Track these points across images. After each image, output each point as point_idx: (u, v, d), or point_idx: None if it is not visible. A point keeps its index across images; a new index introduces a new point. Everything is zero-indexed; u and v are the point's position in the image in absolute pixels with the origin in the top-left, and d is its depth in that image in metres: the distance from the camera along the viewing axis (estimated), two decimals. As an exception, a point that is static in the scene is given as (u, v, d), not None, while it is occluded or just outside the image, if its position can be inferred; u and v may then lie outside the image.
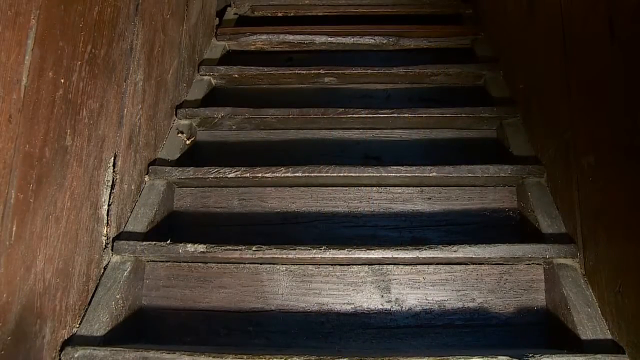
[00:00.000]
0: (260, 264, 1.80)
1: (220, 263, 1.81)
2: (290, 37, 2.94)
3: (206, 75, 2.65)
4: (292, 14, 3.31)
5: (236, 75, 2.63)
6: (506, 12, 2.50)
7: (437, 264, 1.78)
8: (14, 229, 1.22)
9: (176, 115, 2.32)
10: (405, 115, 2.24)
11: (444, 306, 1.75)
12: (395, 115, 2.24)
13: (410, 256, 1.70)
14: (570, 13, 1.73)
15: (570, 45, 1.73)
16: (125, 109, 1.82)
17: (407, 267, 1.79)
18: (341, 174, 1.96)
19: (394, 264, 1.79)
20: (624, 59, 1.38)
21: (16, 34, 1.20)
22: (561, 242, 1.71)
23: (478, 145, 2.32)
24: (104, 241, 1.69)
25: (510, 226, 1.99)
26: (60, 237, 1.42)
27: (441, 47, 2.95)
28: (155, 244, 1.74)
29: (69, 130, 1.45)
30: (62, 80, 1.40)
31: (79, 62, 1.49)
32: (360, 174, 1.96)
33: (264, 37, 2.94)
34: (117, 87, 1.76)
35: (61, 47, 1.39)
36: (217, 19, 3.16)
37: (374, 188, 2.05)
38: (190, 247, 1.72)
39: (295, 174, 1.96)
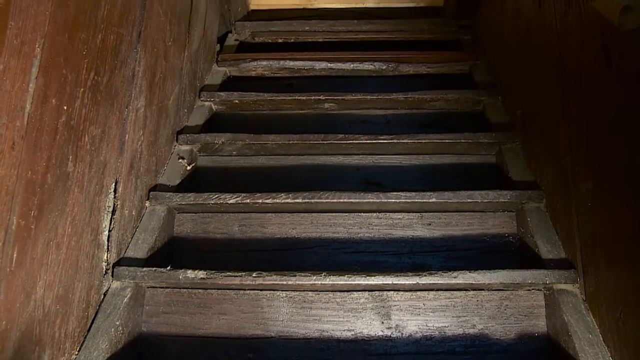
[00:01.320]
0: (261, 290, 1.79)
1: (221, 289, 1.80)
2: (291, 63, 2.96)
3: (207, 101, 2.66)
4: (292, 40, 3.34)
5: (237, 101, 2.65)
6: (504, 38, 2.53)
7: (438, 290, 1.78)
8: (14, 255, 1.22)
9: (177, 140, 2.33)
10: (405, 141, 2.25)
11: (445, 332, 1.74)
12: (395, 141, 2.25)
13: (411, 282, 1.70)
14: (567, 39, 1.75)
15: (567, 70, 1.75)
16: (127, 135, 1.83)
17: (407, 293, 1.78)
18: (341, 200, 1.96)
19: (394, 290, 1.78)
20: (620, 84, 1.39)
21: (21, 62, 1.21)
22: (561, 267, 1.71)
23: (477, 171, 2.33)
24: (104, 267, 1.69)
25: (510, 252, 1.99)
26: (60, 263, 1.42)
27: (440, 73, 2.98)
28: (155, 270, 1.74)
29: (71, 157, 1.46)
30: (65, 107, 1.42)
31: (82, 89, 1.51)
32: (360, 200, 1.97)
33: (264, 63, 2.97)
34: (119, 113, 1.77)
35: (64, 75, 1.41)
36: (218, 45, 3.19)
37: (374, 214, 2.06)
38: (190, 273, 1.72)
39: (296, 200, 1.97)
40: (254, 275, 1.71)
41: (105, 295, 1.69)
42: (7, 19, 1.16)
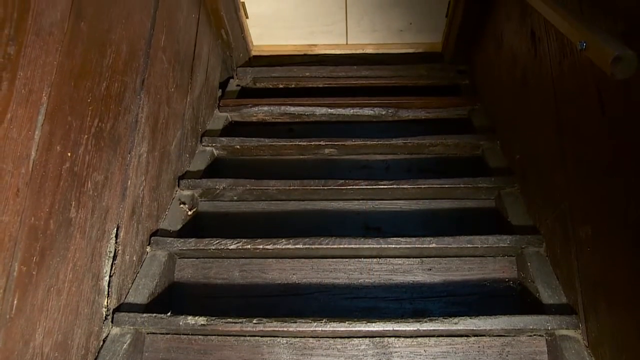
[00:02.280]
0: (261, 336, 1.78)
1: (221, 335, 1.79)
2: (291, 109, 3.00)
3: (209, 146, 2.69)
4: (293, 86, 3.39)
5: (238, 147, 2.67)
6: (501, 84, 2.57)
7: (439, 336, 1.76)
8: (15, 302, 1.22)
9: (179, 186, 2.35)
10: (405, 186, 2.27)
11: (447, 379, 1.73)
12: (395, 186, 2.27)
13: (411, 329, 1.69)
14: (562, 87, 1.78)
15: (563, 117, 1.78)
16: (129, 181, 1.84)
17: (408, 339, 1.77)
18: (342, 246, 1.97)
19: (395, 337, 1.77)
20: (615, 132, 1.41)
21: (28, 110, 1.24)
22: (563, 313, 1.70)
23: (477, 215, 2.34)
24: (104, 313, 1.69)
25: (511, 297, 1.99)
26: (60, 309, 1.42)
27: (439, 118, 3.01)
28: (155, 316, 1.73)
29: (73, 202, 1.47)
30: (69, 154, 1.44)
31: (86, 136, 1.53)
32: (361, 246, 1.97)
33: (265, 108, 3.01)
34: (122, 159, 1.79)
35: (69, 122, 1.43)
36: (220, 90, 3.24)
37: (374, 259, 2.06)
38: (190, 320, 1.71)
39: (296, 246, 1.97)
40: (254, 321, 1.70)
41: (104, 341, 1.68)
42: (17, 70, 1.20)
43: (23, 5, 1.23)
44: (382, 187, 2.27)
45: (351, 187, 2.28)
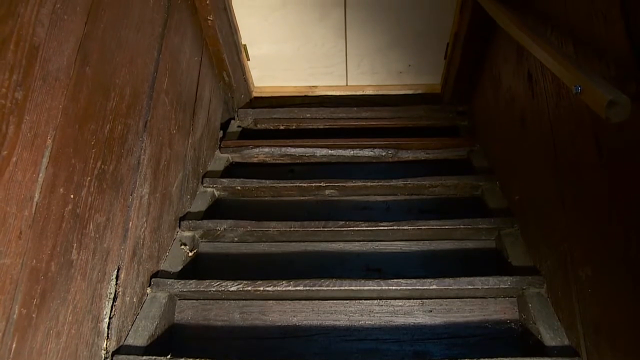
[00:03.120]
0: (261, 379, 1.77)
1: (221, 379, 1.78)
2: (292, 150, 3.03)
3: (210, 187, 2.71)
4: (293, 127, 3.42)
5: (239, 188, 2.69)
6: (499, 125, 2.59)
7: (440, 379, 1.75)
8: (13, 345, 1.22)
9: (180, 227, 2.36)
10: (405, 227, 2.28)
11: None
12: (395, 227, 2.28)
13: (413, 371, 1.68)
14: (560, 128, 1.80)
15: (561, 158, 1.79)
16: (131, 222, 1.85)
17: (409, 382, 1.76)
18: (342, 288, 1.97)
19: (397, 379, 1.76)
20: (612, 174, 1.43)
21: (33, 154, 1.26)
22: (565, 355, 1.69)
23: (477, 256, 2.34)
24: (103, 355, 1.68)
25: (512, 338, 1.97)
26: (59, 352, 1.41)
27: (439, 159, 3.03)
28: (155, 359, 1.72)
29: (75, 244, 1.48)
30: (72, 196, 1.45)
31: (89, 178, 1.55)
32: (361, 288, 1.97)
33: (266, 150, 3.03)
34: (124, 200, 1.80)
35: (73, 164, 1.45)
36: (221, 131, 3.27)
37: (375, 301, 2.05)
38: (190, 363, 1.70)
39: (297, 288, 1.97)
40: (254, 364, 1.69)
41: (103, 385, 1.67)
42: (24, 114, 1.22)
43: (32, 52, 1.26)
44: (382, 228, 2.28)
45: (351, 228, 2.28)
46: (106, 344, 1.69)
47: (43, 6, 1.31)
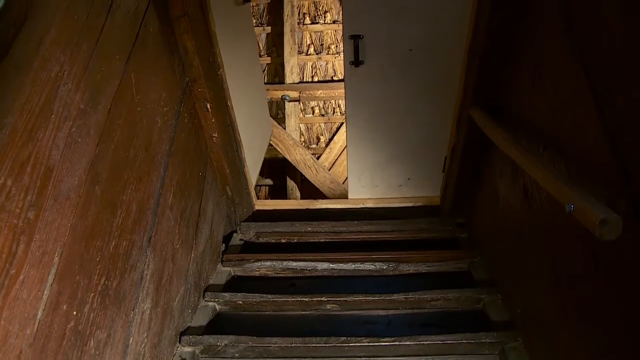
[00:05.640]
0: None
1: None
2: (293, 264, 3.04)
3: (211, 301, 2.70)
4: (295, 240, 3.44)
5: (240, 302, 2.68)
6: (499, 237, 2.63)
7: None
8: None
9: (180, 342, 2.33)
10: (407, 342, 2.26)
11: None
12: (397, 343, 2.26)
13: None
14: (556, 241, 1.83)
15: (559, 271, 1.81)
16: (131, 338, 1.85)
17: None
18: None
19: None
20: (610, 287, 1.45)
21: (40, 271, 1.29)
22: None
23: (481, 372, 2.30)
24: None
25: None
26: None
27: (439, 271, 3.03)
28: None
29: (74, 363, 1.47)
30: (75, 313, 1.46)
31: (92, 294, 1.56)
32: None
33: (267, 264, 3.05)
34: (125, 316, 1.81)
35: (77, 281, 1.48)
36: (224, 244, 3.30)
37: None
38: None
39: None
40: None
41: None
42: (34, 233, 1.26)
43: (46, 174, 1.32)
44: (384, 344, 2.26)
45: (353, 344, 2.27)
46: None
47: (60, 130, 1.39)
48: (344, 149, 5.46)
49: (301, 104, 5.91)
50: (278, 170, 6.03)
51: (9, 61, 1.22)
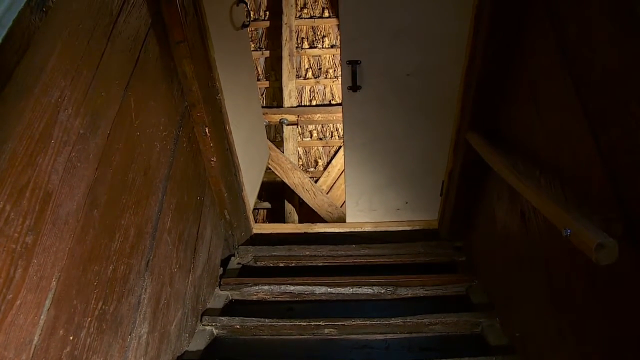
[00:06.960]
0: None
1: None
2: (291, 288, 3.03)
3: (209, 325, 2.69)
4: (293, 264, 3.43)
5: (238, 327, 2.67)
6: (496, 260, 2.63)
7: None
8: None
9: (177, 367, 2.32)
10: (405, 367, 2.25)
11: None
12: (395, 367, 2.25)
13: None
14: (554, 264, 1.84)
15: (557, 294, 1.82)
16: (128, 364, 1.84)
17: None
18: None
19: None
20: (609, 311, 1.45)
21: (37, 296, 1.29)
22: None
23: (480, 397, 2.29)
24: None
25: None
26: None
27: (437, 295, 3.03)
28: None
29: (69, 389, 1.46)
30: (71, 338, 1.46)
31: (89, 319, 1.56)
32: None
33: (265, 287, 3.04)
34: (122, 341, 1.80)
35: (74, 305, 1.47)
36: (221, 268, 3.29)
37: None
38: None
39: None
40: None
41: None
42: (32, 258, 1.26)
43: (45, 198, 1.32)
44: (382, 368, 2.25)
45: (351, 369, 2.25)
46: None
47: (60, 155, 1.39)
48: (342, 172, 5.47)
49: (299, 128, 5.93)
50: (276, 193, 6.03)
51: (10, 88, 1.23)
